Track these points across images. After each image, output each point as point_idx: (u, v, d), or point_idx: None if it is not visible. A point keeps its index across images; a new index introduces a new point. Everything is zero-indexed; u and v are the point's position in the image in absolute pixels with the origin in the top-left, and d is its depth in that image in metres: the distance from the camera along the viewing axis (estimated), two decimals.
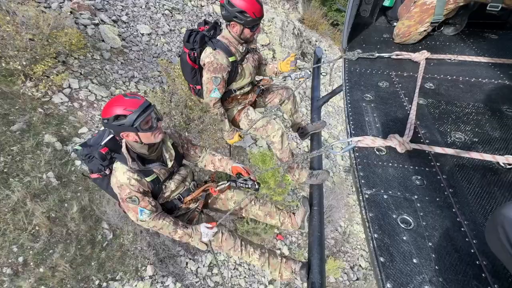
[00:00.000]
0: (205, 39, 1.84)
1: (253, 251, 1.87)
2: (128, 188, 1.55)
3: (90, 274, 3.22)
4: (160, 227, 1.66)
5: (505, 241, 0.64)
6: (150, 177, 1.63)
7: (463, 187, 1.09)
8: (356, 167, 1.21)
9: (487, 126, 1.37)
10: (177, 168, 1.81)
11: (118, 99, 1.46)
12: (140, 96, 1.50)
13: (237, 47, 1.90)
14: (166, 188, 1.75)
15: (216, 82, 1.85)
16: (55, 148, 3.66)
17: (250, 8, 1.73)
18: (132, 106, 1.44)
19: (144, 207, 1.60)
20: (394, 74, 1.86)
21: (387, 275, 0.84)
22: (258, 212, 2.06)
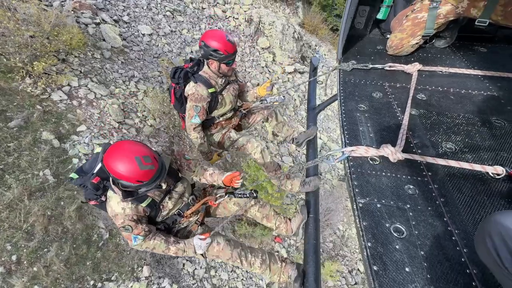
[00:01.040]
0: (188, 74, 2.10)
1: (254, 260, 1.84)
2: (122, 217, 1.56)
3: (85, 274, 3.16)
4: (152, 247, 1.68)
5: (492, 250, 0.65)
6: (145, 202, 1.63)
7: (454, 197, 1.11)
8: (350, 176, 1.23)
9: (476, 136, 1.41)
10: (173, 186, 1.80)
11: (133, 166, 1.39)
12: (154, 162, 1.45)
13: (217, 80, 2.15)
14: (164, 208, 1.76)
15: (197, 110, 2.09)
16: (52, 145, 3.62)
17: (223, 47, 1.99)
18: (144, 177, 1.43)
19: (137, 234, 1.61)
20: (387, 85, 1.90)
21: (380, 284, 0.85)
22: (256, 213, 2.09)
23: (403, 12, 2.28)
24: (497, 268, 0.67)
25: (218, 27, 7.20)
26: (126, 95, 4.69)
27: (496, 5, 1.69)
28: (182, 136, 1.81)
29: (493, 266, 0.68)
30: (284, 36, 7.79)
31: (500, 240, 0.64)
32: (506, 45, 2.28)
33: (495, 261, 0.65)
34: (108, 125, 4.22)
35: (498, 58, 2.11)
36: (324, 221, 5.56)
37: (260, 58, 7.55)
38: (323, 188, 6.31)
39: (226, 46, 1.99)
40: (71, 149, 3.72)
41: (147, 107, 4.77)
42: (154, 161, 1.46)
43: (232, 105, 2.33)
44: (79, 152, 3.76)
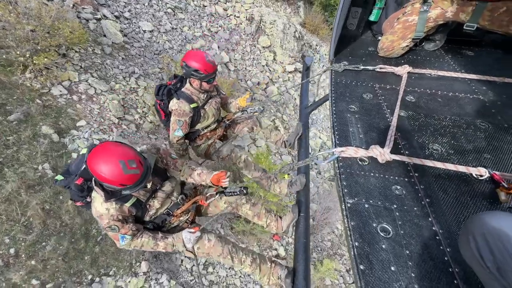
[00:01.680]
0: (171, 91, 2.24)
1: (245, 258, 1.85)
2: (106, 218, 1.54)
3: (83, 268, 3.16)
4: (141, 245, 1.68)
5: (475, 250, 0.67)
6: (130, 201, 1.60)
7: (439, 197, 1.14)
8: (339, 177, 1.26)
9: (462, 138, 1.44)
10: (160, 185, 1.78)
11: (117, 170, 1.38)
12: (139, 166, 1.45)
13: (199, 95, 2.28)
14: (151, 207, 1.73)
15: (180, 124, 2.23)
16: (52, 139, 3.61)
17: (203, 67, 2.13)
18: (128, 181, 1.43)
19: (124, 234, 1.59)
20: (377, 86, 1.93)
21: (366, 282, 0.87)
22: (248, 211, 2.11)
23: (394, 14, 2.33)
24: (479, 268, 0.68)
25: (219, 25, 7.20)
26: (126, 91, 4.69)
27: (484, 10, 1.74)
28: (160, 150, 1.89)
29: (475, 265, 0.70)
30: (285, 35, 7.80)
31: (482, 240, 0.66)
32: (492, 49, 2.34)
33: (478, 261, 0.67)
34: (108, 120, 4.21)
35: (485, 62, 2.16)
36: (322, 220, 5.57)
37: (260, 56, 7.56)
38: (322, 187, 6.32)
39: (206, 66, 2.13)
40: (70, 144, 3.71)
41: (147, 104, 4.76)
42: (139, 165, 1.45)
43: (215, 117, 2.46)
44: (79, 147, 3.75)
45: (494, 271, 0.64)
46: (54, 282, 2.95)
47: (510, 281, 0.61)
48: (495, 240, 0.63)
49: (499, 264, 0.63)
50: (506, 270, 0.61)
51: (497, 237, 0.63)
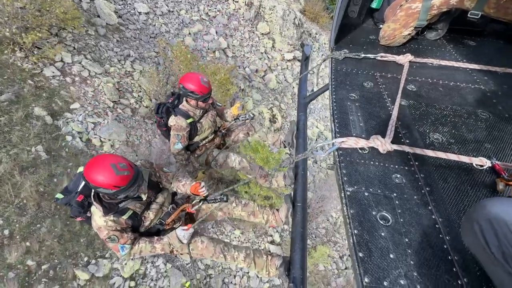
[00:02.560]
0: (169, 109, 2.44)
1: (237, 254, 1.91)
2: (105, 229, 1.65)
3: (79, 250, 3.16)
4: (139, 251, 1.78)
5: (480, 236, 0.66)
6: (126, 214, 1.72)
7: (439, 186, 1.15)
8: (339, 165, 1.25)
9: (463, 128, 1.45)
10: (154, 197, 1.92)
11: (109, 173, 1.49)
12: (129, 169, 1.57)
13: (195, 111, 2.48)
14: (146, 219, 1.85)
15: (178, 138, 2.43)
16: (45, 122, 3.54)
17: (198, 89, 2.32)
18: (121, 182, 1.53)
19: (124, 243, 1.70)
20: (378, 75, 1.91)
21: (365, 270, 0.87)
22: (241, 213, 2.16)
23: (397, 1, 2.28)
24: (483, 254, 0.68)
25: (217, 9, 7.01)
26: (121, 75, 4.58)
27: None
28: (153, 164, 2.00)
29: (479, 251, 0.70)
30: (284, 22, 7.64)
31: (488, 226, 0.65)
32: (494, 39, 2.32)
33: (482, 247, 0.67)
34: (102, 104, 4.13)
35: (486, 52, 2.15)
36: (317, 208, 5.63)
37: (259, 43, 7.42)
38: (318, 176, 6.36)
39: (201, 88, 2.32)
40: (64, 126, 3.64)
41: (143, 88, 4.67)
42: (129, 167, 1.58)
43: (212, 129, 2.66)
44: (73, 130, 3.69)
45: (499, 257, 0.63)
46: (50, 263, 2.95)
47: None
48: (501, 225, 0.63)
49: (504, 249, 0.62)
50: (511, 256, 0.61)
51: (503, 222, 0.63)
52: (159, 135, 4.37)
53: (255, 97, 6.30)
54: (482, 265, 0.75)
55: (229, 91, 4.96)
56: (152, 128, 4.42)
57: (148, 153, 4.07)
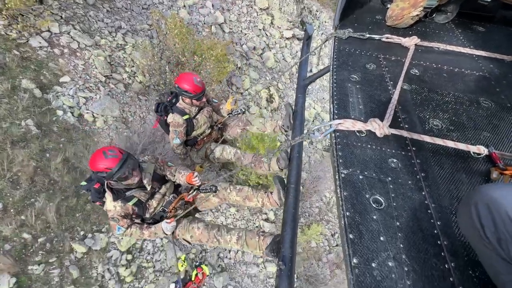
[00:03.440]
0: (167, 108, 2.61)
1: (230, 237, 2.05)
2: (113, 212, 2.00)
3: (75, 224, 3.19)
4: (130, 234, 2.07)
5: (476, 220, 0.66)
6: (132, 201, 2.03)
7: (435, 172, 1.15)
8: (335, 147, 1.23)
9: (463, 115, 1.44)
10: (158, 188, 2.19)
11: (100, 158, 1.84)
12: (118, 153, 1.88)
13: (190, 108, 2.63)
14: (150, 206, 2.13)
15: (176, 133, 2.61)
16: (34, 95, 3.41)
17: (192, 89, 2.46)
18: (111, 164, 1.83)
19: (121, 226, 2.02)
20: (382, 57, 1.87)
21: (354, 251, 0.88)
22: (236, 198, 2.27)
23: None
24: (477, 238, 0.68)
25: None
26: (112, 48, 4.38)
27: None
28: (158, 159, 2.30)
29: (473, 236, 0.70)
30: None
31: (485, 210, 0.65)
32: (503, 26, 2.27)
33: (477, 231, 0.67)
34: (94, 78, 3.97)
35: (494, 39, 2.10)
36: (312, 187, 5.73)
37: (257, 19, 7.11)
38: (314, 157, 6.41)
39: (195, 87, 2.46)
40: (54, 100, 3.52)
41: (136, 63, 4.49)
42: (118, 152, 1.89)
43: (208, 124, 2.79)
44: (64, 104, 3.57)
45: (494, 242, 0.64)
46: (46, 236, 2.98)
47: (508, 252, 0.61)
48: (499, 210, 0.62)
49: (500, 235, 0.62)
50: (506, 241, 0.61)
51: (502, 208, 0.62)
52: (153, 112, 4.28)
53: (252, 76, 6.15)
54: (474, 249, 0.76)
55: (225, 68, 4.81)
56: (146, 104, 4.31)
57: (142, 130, 4.00)
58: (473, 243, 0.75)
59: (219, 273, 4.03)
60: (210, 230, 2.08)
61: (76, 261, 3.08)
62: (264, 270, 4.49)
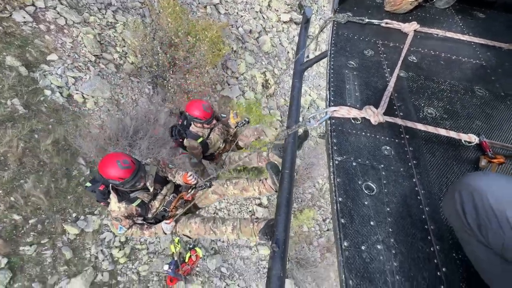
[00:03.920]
0: (181, 132, 2.81)
1: (225, 228, 2.15)
2: (116, 212, 2.08)
3: (67, 206, 3.16)
4: (131, 234, 2.16)
5: (459, 206, 0.69)
6: (136, 202, 2.11)
7: (426, 160, 1.17)
8: (330, 134, 1.24)
9: (458, 104, 1.45)
10: (160, 189, 2.27)
11: (114, 167, 1.91)
12: (131, 164, 1.95)
13: (203, 131, 2.82)
14: (152, 207, 2.22)
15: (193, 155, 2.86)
16: (19, 73, 3.26)
17: (201, 115, 2.64)
18: (124, 175, 1.92)
19: (123, 226, 2.09)
20: (380, 43, 1.85)
21: (345, 234, 0.92)
22: (234, 191, 2.35)
23: None
24: (459, 224, 0.71)
25: None
26: (102, 26, 4.19)
27: None
28: (160, 162, 2.41)
29: (455, 221, 0.73)
30: None
31: (469, 198, 0.67)
32: (503, 13, 2.24)
33: (459, 217, 0.69)
34: (83, 57, 3.82)
35: (494, 26, 2.08)
36: (305, 174, 5.79)
37: (254, 1, 6.88)
38: (308, 144, 6.43)
39: (204, 114, 2.64)
40: (41, 79, 3.38)
41: (127, 42, 4.32)
42: (131, 163, 1.96)
43: (221, 140, 3.00)
44: (51, 84, 3.44)
45: (475, 228, 0.67)
46: (37, 218, 2.95)
47: (487, 238, 0.64)
48: (481, 198, 0.65)
49: (480, 221, 0.65)
50: (486, 228, 0.64)
51: (484, 196, 0.65)
52: (146, 95, 4.18)
53: (248, 60, 6.02)
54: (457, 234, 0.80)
55: (220, 51, 4.68)
56: (139, 86, 4.20)
57: (135, 112, 3.91)
58: (456, 229, 0.78)
59: (212, 255, 4.11)
60: (206, 223, 2.17)
61: (69, 242, 3.08)
62: (256, 253, 4.60)
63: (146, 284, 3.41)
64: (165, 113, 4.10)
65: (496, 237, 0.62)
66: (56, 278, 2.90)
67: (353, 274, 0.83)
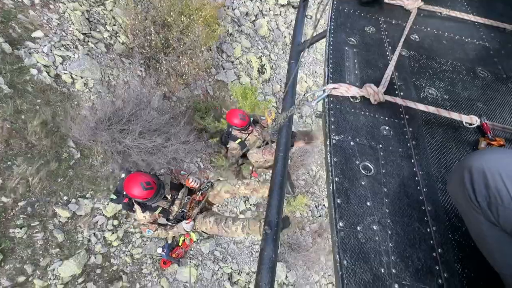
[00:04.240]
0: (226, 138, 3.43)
1: (236, 227, 2.38)
2: (142, 220, 2.41)
3: (57, 189, 3.11)
4: (157, 235, 2.54)
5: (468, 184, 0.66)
6: (157, 210, 2.41)
7: (425, 141, 1.15)
8: (328, 112, 1.21)
9: (459, 85, 1.42)
10: (176, 195, 2.52)
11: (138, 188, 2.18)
12: (153, 185, 2.23)
13: (241, 134, 3.39)
14: (172, 211, 2.50)
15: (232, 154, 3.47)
16: (3, 50, 3.10)
17: (238, 124, 3.24)
18: (147, 195, 2.21)
19: (150, 229, 2.47)
20: (382, 20, 1.80)
21: (341, 215, 0.90)
22: (245, 191, 2.59)
23: None
24: (465, 202, 0.69)
25: None
26: (91, 2, 3.97)
27: None
28: (173, 170, 2.61)
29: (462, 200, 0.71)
30: None
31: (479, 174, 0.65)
32: None
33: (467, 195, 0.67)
34: (71, 35, 3.64)
35: (500, 6, 2.03)
36: (299, 161, 5.82)
37: None
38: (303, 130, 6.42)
39: (241, 123, 3.23)
40: (26, 58, 3.23)
41: (118, 21, 4.13)
42: (153, 184, 2.24)
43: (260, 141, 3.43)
44: (38, 63, 3.29)
45: (484, 205, 0.65)
46: (27, 200, 2.90)
47: (497, 216, 0.63)
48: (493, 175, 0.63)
49: (491, 199, 0.63)
50: (497, 205, 0.62)
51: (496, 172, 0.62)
52: (138, 77, 4.05)
53: (243, 44, 5.86)
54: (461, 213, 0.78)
55: (214, 32, 4.53)
56: (131, 68, 4.05)
57: (126, 95, 3.79)
58: (462, 208, 0.76)
59: (205, 239, 4.16)
60: (219, 224, 2.48)
61: (61, 225, 3.06)
62: (249, 237, 4.68)
63: (140, 266, 3.44)
64: (159, 97, 4.00)
65: (507, 214, 0.61)
66: (48, 260, 2.89)
67: (348, 254, 0.82)
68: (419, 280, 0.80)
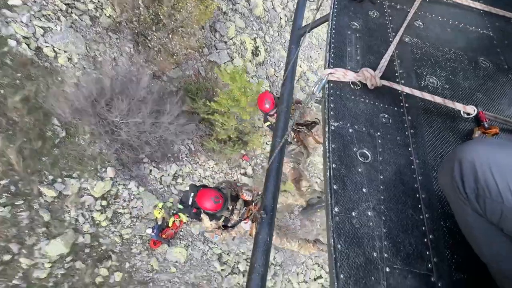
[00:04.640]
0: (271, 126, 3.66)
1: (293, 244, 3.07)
2: (210, 228, 2.80)
3: (42, 168, 3.01)
4: (223, 238, 2.99)
5: (457, 176, 0.66)
6: (221, 219, 2.78)
7: (423, 130, 1.16)
8: (328, 98, 1.21)
9: (460, 74, 1.41)
10: (235, 205, 2.84)
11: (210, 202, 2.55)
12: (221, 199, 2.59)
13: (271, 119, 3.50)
14: (232, 220, 2.85)
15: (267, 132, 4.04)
16: None
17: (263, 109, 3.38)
18: (217, 208, 2.58)
19: (217, 235, 2.90)
20: (387, 4, 1.75)
21: (337, 200, 0.92)
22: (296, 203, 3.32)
23: None
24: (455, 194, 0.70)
25: None
26: None
27: None
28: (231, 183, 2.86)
29: (451, 191, 0.71)
30: None
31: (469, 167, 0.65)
32: None
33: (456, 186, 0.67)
34: (52, 5, 3.39)
35: None
36: None
37: None
38: None
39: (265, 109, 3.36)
40: (3, 27, 3.00)
41: None
42: (221, 198, 2.60)
43: None
44: (16, 33, 3.07)
45: (472, 197, 0.65)
46: (10, 179, 2.81)
47: (484, 208, 0.64)
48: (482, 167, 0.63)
49: (479, 191, 0.64)
50: (485, 198, 0.63)
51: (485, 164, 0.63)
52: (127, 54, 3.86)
53: (238, 24, 5.65)
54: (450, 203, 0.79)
55: (207, 8, 4.32)
56: (118, 43, 3.85)
57: (114, 73, 3.63)
58: (450, 198, 0.77)
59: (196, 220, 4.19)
60: (282, 238, 3.13)
61: (47, 204, 3.00)
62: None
63: (129, 246, 3.46)
64: (148, 75, 3.84)
65: (494, 207, 0.62)
66: (34, 239, 2.85)
67: (342, 239, 0.84)
68: (410, 265, 0.83)
